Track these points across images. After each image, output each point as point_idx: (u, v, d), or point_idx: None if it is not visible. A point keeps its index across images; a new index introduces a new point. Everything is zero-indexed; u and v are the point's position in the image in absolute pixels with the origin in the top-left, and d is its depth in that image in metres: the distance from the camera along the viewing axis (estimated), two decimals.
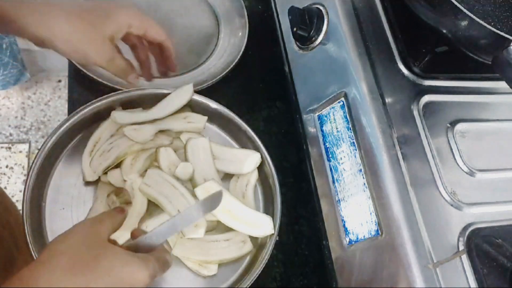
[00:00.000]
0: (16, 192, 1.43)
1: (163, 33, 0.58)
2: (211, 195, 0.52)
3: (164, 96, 0.64)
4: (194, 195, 0.58)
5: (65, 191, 0.59)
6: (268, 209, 0.62)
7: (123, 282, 0.40)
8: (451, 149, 0.56)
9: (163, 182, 0.58)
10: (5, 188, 1.43)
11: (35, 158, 0.57)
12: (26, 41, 0.50)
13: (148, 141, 0.61)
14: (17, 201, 1.41)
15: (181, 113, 0.64)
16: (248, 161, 0.62)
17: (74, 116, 0.60)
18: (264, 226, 0.58)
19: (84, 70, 0.64)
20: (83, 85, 0.66)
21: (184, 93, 0.64)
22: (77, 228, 0.43)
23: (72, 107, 0.65)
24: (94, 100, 0.61)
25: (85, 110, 0.60)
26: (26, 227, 0.53)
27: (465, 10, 0.50)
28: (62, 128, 0.59)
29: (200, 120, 0.65)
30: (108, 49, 0.53)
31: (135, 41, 0.60)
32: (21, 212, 0.54)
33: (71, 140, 0.62)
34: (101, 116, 0.62)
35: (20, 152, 1.49)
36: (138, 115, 0.62)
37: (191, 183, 0.60)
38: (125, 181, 0.59)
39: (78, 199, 0.59)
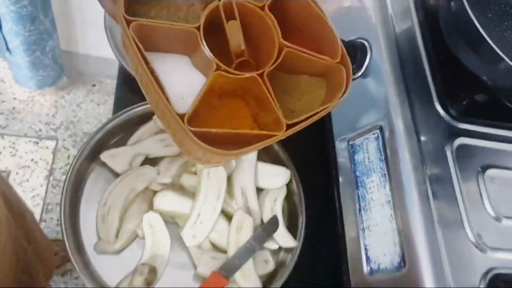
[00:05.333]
0: (37, 186, 1.46)
1: None
2: (269, 220, 0.62)
3: None
4: None
5: (101, 188, 0.61)
6: (292, 229, 0.63)
7: None
8: (480, 193, 0.57)
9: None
10: (27, 180, 1.46)
11: (77, 153, 0.59)
12: (68, 44, 0.51)
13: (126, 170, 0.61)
14: (37, 195, 1.45)
15: (158, 134, 0.63)
16: (278, 177, 0.64)
17: (119, 117, 0.63)
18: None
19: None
20: (129, 88, 0.69)
21: None
22: None
23: (117, 108, 0.68)
24: (139, 103, 0.64)
25: (129, 112, 0.63)
26: (61, 220, 0.55)
27: (507, 59, 0.52)
28: (107, 126, 0.62)
29: None
30: None
31: None
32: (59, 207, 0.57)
33: (111, 140, 0.64)
34: (144, 119, 0.65)
35: (47, 148, 1.53)
36: None
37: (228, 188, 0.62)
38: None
39: None
